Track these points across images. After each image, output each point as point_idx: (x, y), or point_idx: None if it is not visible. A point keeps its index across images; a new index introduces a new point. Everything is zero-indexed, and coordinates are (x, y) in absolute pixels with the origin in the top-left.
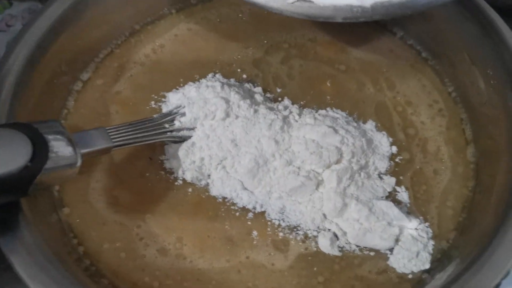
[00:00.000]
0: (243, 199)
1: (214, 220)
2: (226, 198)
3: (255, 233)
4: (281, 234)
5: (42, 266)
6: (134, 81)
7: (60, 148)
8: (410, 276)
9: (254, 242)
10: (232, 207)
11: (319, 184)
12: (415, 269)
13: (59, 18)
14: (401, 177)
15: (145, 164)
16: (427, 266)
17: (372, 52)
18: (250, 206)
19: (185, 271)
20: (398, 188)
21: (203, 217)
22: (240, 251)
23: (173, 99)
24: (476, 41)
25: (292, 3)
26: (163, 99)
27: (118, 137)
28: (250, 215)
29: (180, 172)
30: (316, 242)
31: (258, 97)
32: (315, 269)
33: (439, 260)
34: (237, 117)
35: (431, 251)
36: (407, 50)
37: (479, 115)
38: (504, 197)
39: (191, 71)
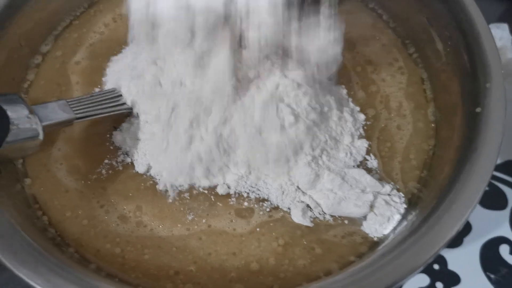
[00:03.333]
0: (208, 182)
1: (175, 194)
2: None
3: (219, 204)
4: (246, 204)
5: (10, 238)
6: (93, 50)
7: (21, 120)
8: (375, 238)
9: (216, 212)
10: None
11: (290, 156)
12: (386, 232)
13: None
14: (370, 143)
15: (107, 133)
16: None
17: None
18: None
19: (146, 238)
20: (367, 157)
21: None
22: (201, 220)
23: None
24: (433, 3)
25: None
26: None
27: (80, 109)
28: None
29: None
30: (284, 212)
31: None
32: (274, 233)
33: (402, 215)
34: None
35: (402, 213)
36: (367, 11)
37: (438, 75)
38: (460, 150)
39: None
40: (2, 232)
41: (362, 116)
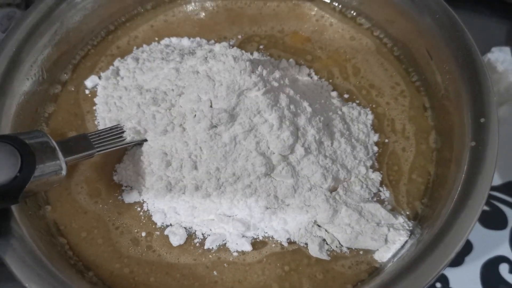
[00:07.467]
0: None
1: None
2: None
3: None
4: (261, 238)
5: (34, 267)
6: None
7: (46, 157)
8: (377, 265)
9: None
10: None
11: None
12: (389, 256)
13: (35, 30)
14: (381, 172)
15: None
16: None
17: (335, 40)
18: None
19: (153, 263)
20: (380, 188)
21: None
22: (211, 253)
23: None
24: (434, 37)
25: None
26: None
27: (100, 143)
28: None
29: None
30: (299, 246)
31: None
32: (280, 263)
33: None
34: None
35: (408, 237)
36: (369, 37)
37: (439, 104)
38: (456, 181)
39: None
40: (29, 262)
41: (375, 148)
